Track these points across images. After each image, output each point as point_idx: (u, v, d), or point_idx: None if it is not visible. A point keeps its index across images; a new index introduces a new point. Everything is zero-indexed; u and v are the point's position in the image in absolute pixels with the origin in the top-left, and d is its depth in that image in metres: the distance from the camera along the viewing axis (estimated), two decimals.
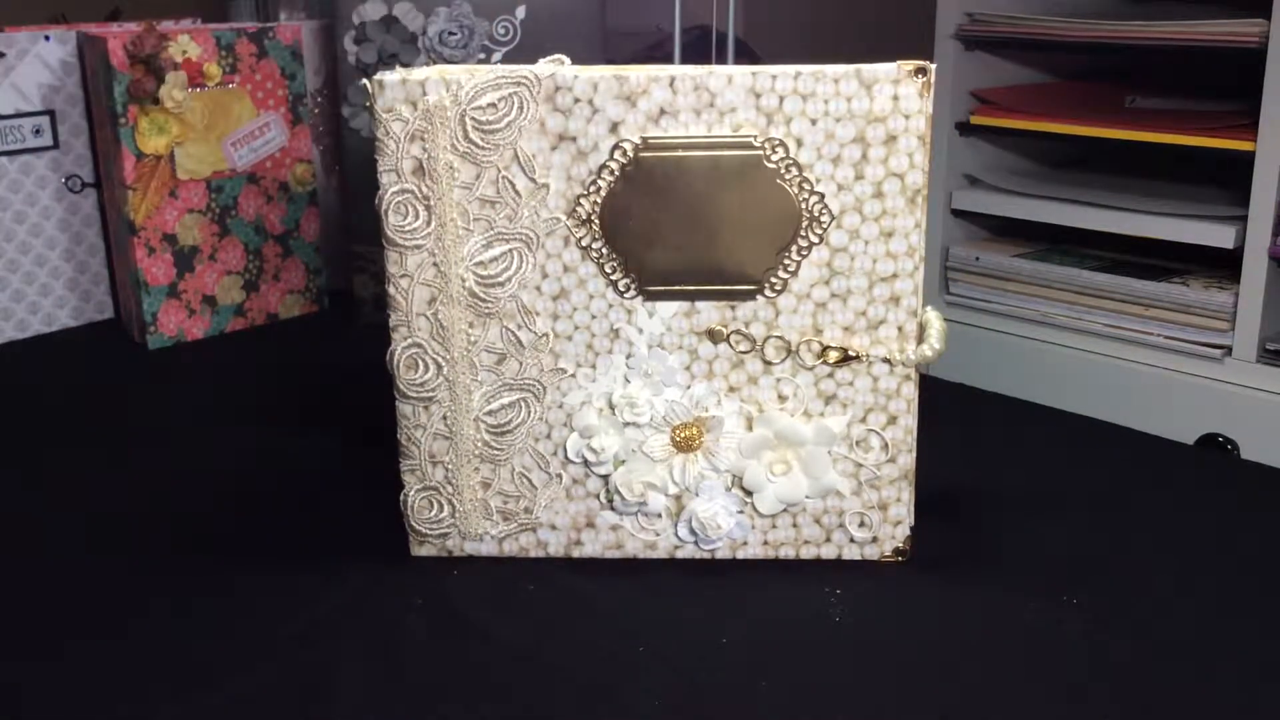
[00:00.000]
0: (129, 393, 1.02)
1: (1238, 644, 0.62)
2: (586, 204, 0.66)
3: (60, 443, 0.90)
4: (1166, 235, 1.40)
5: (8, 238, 1.12)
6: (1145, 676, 0.60)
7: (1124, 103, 1.55)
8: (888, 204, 0.66)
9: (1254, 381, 1.32)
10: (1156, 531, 0.75)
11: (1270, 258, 1.29)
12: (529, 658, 0.62)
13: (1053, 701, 0.58)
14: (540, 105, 0.65)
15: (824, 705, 0.58)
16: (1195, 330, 1.36)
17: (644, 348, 0.68)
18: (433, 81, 0.65)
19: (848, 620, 0.65)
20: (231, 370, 1.07)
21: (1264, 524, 0.76)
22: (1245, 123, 1.32)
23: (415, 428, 0.69)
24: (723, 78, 0.65)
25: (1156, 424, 0.97)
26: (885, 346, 0.67)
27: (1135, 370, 1.40)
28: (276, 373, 1.05)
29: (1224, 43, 1.31)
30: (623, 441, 0.69)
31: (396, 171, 0.66)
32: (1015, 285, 1.53)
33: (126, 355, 1.11)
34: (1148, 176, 1.53)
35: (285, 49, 1.16)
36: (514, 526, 0.71)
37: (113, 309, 1.21)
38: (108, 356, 1.11)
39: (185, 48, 1.08)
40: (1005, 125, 1.54)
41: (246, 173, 1.15)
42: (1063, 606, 0.66)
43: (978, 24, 1.53)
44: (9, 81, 1.10)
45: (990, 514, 0.76)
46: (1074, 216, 1.48)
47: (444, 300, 0.67)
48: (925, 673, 0.60)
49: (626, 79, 0.65)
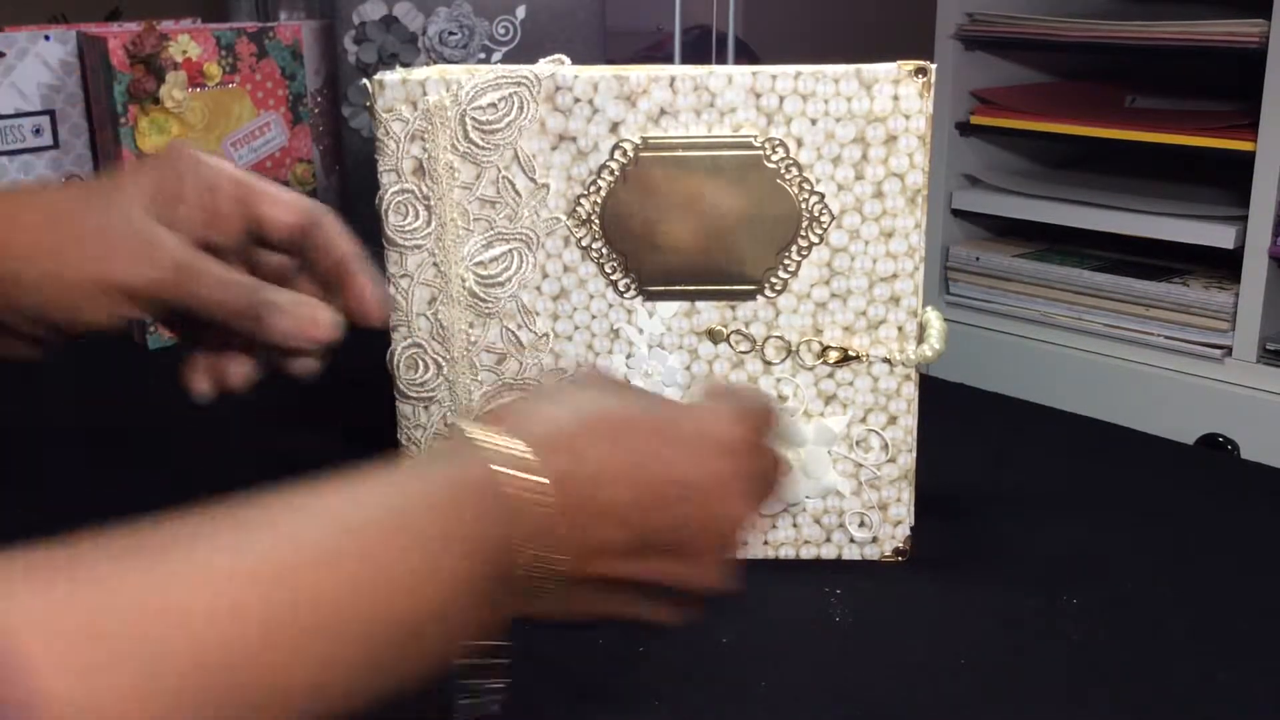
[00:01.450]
0: (128, 393, 1.02)
1: (1238, 644, 0.62)
2: (586, 204, 0.66)
3: (59, 443, 0.90)
4: (1166, 235, 1.40)
5: None
6: (1145, 676, 0.60)
7: (1124, 103, 1.55)
8: (888, 204, 0.66)
9: (1254, 381, 1.32)
10: (1156, 532, 0.75)
11: (1270, 258, 1.29)
12: (528, 657, 0.62)
13: (1052, 701, 0.58)
14: (540, 105, 0.65)
15: (824, 705, 0.58)
16: (1195, 330, 1.37)
17: (644, 348, 0.68)
18: (433, 81, 0.65)
19: (848, 620, 0.65)
20: None
21: (1264, 524, 0.76)
22: (1245, 123, 1.32)
23: (415, 428, 0.69)
24: (723, 78, 0.65)
25: (1156, 424, 0.97)
26: (885, 346, 0.67)
27: (1135, 370, 1.41)
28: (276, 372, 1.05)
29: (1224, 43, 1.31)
30: None
31: (396, 171, 0.66)
32: (1015, 285, 1.53)
33: (126, 355, 1.11)
34: (1148, 176, 1.53)
35: (285, 49, 1.16)
36: None
37: None
38: (107, 356, 1.11)
39: (185, 48, 1.08)
40: (1005, 125, 1.54)
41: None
42: (1062, 606, 0.66)
43: (978, 24, 1.53)
44: (9, 81, 1.10)
45: (990, 514, 0.76)
46: (1074, 216, 1.48)
47: (444, 300, 0.67)
48: (925, 673, 0.60)
49: (627, 79, 0.65)
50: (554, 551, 0.40)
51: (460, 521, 0.38)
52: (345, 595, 0.35)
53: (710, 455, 0.44)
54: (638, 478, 0.42)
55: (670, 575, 0.44)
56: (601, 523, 0.41)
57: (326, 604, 0.35)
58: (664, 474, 0.42)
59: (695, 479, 0.43)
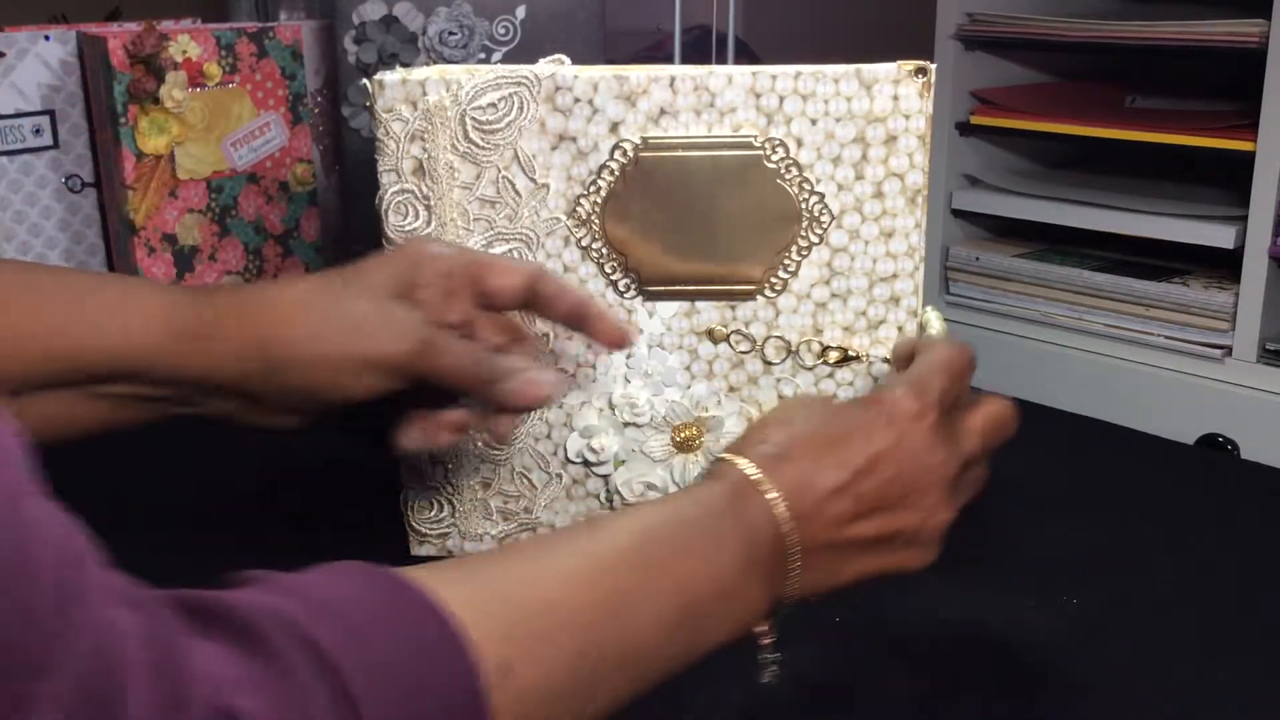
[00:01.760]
0: None
1: (1238, 644, 0.62)
2: (586, 204, 0.66)
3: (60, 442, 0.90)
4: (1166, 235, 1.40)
5: (8, 238, 1.12)
6: (1145, 676, 0.60)
7: (1124, 103, 1.55)
8: (888, 204, 0.66)
9: (1254, 381, 1.32)
10: (1156, 531, 0.75)
11: (1270, 258, 1.29)
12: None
13: (1052, 701, 0.58)
14: (540, 105, 0.65)
15: (824, 705, 0.58)
16: (1195, 330, 1.36)
17: (644, 348, 0.68)
18: (433, 81, 0.65)
19: (848, 620, 0.65)
20: None
21: (1264, 524, 0.76)
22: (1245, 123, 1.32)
23: None
24: (723, 78, 0.65)
25: (1156, 424, 0.97)
26: (885, 346, 0.67)
27: (1135, 370, 1.40)
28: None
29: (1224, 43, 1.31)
30: (623, 442, 0.69)
31: (396, 171, 0.66)
32: (1015, 285, 1.53)
33: None
34: (1148, 176, 1.53)
35: (285, 49, 1.16)
36: (514, 526, 0.71)
37: None
38: None
39: (185, 48, 1.08)
40: (1005, 125, 1.54)
41: (246, 173, 1.15)
42: (1062, 606, 0.66)
43: (978, 24, 1.53)
44: (9, 81, 1.10)
45: (990, 513, 0.76)
46: (1074, 216, 1.48)
47: None
48: (925, 672, 0.60)
49: (627, 79, 0.65)
50: (792, 533, 0.51)
51: (724, 519, 0.50)
52: (663, 582, 0.47)
53: (900, 423, 0.53)
54: (845, 460, 0.52)
55: (897, 526, 0.53)
56: (826, 503, 0.51)
57: (652, 585, 0.47)
58: (865, 449, 0.52)
59: (888, 444, 0.53)
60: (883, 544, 0.53)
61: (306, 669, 0.35)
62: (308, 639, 0.36)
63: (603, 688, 0.44)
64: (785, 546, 0.50)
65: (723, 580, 0.48)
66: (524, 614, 0.43)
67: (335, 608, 0.38)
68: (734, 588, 0.49)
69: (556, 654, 0.43)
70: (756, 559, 0.50)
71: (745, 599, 0.50)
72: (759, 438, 0.53)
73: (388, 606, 0.40)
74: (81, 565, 0.32)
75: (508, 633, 0.41)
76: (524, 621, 0.42)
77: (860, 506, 0.52)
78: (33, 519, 0.31)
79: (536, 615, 0.43)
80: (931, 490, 0.54)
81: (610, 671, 0.45)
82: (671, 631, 0.47)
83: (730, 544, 0.49)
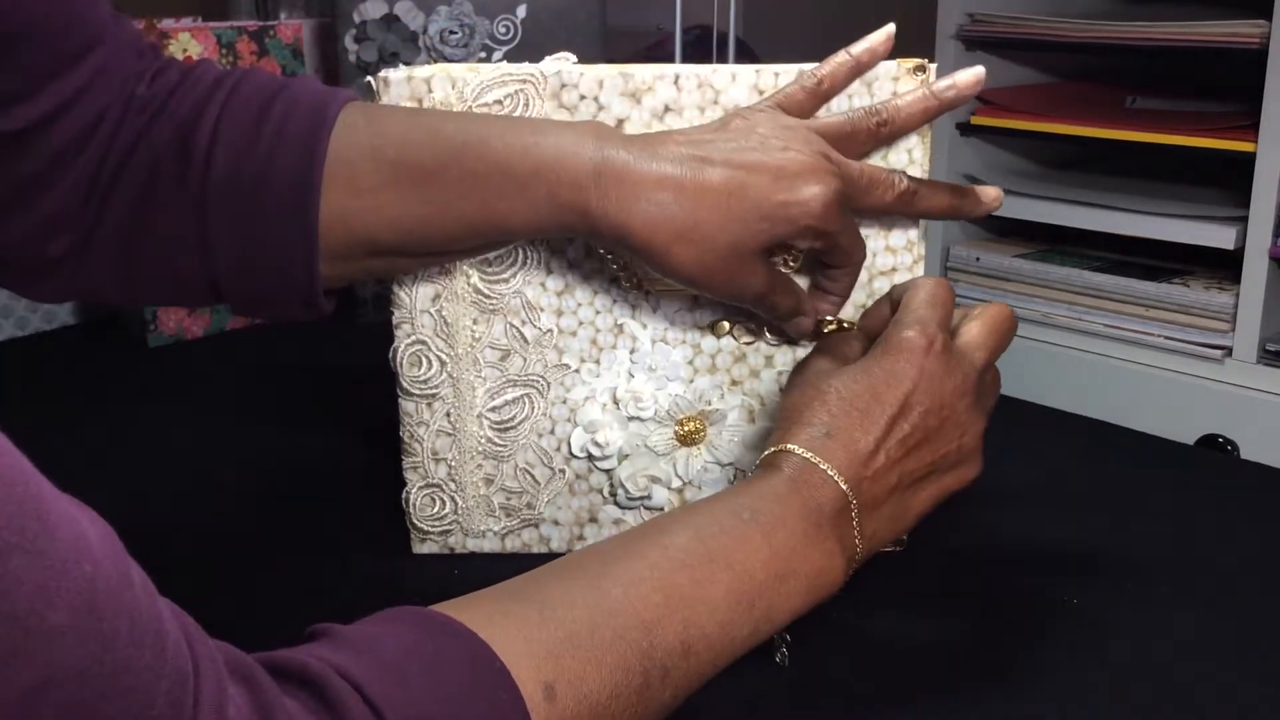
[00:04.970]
0: (129, 391, 1.02)
1: (1238, 644, 0.62)
2: None
3: (60, 441, 0.90)
4: (1166, 235, 1.40)
5: None
6: (1145, 676, 0.60)
7: (1124, 103, 1.55)
8: None
9: (1254, 382, 1.32)
10: (1156, 531, 0.75)
11: (1271, 258, 1.29)
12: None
13: (1052, 701, 0.58)
14: (546, 102, 0.65)
15: (823, 704, 0.58)
16: (1195, 331, 1.37)
17: (648, 343, 0.68)
18: (438, 79, 0.65)
19: (847, 620, 0.65)
20: (231, 369, 1.07)
21: (1264, 524, 0.76)
22: (1245, 123, 1.32)
23: (418, 425, 0.69)
24: (727, 75, 0.65)
25: (1156, 424, 0.97)
26: None
27: (1135, 370, 1.41)
28: (276, 372, 1.05)
29: (1224, 43, 1.32)
30: (627, 436, 0.69)
31: None
32: (1015, 285, 1.53)
33: (127, 353, 1.11)
34: (1148, 176, 1.53)
35: (286, 47, 1.16)
36: (516, 522, 0.71)
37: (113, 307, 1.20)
38: (108, 355, 1.11)
39: (186, 46, 1.08)
40: (1005, 125, 1.54)
41: None
42: (1063, 606, 0.66)
43: (978, 24, 1.53)
44: None
45: (990, 514, 0.76)
46: (1074, 216, 1.48)
47: (448, 297, 0.67)
48: (925, 672, 0.60)
49: (632, 76, 0.65)
50: (855, 497, 0.55)
51: (786, 503, 0.54)
52: (724, 572, 0.51)
53: (916, 359, 0.57)
54: (882, 412, 0.56)
55: (942, 452, 0.58)
56: (876, 458, 0.56)
57: (717, 574, 0.51)
58: (896, 395, 0.57)
59: (912, 384, 0.57)
60: (935, 473, 0.58)
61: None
62: (369, 700, 0.40)
63: (667, 680, 0.48)
64: (850, 512, 0.55)
65: (787, 558, 0.52)
66: (578, 630, 0.46)
67: (392, 663, 0.42)
68: (798, 563, 0.53)
69: (599, 671, 0.46)
70: (822, 531, 0.54)
71: (813, 571, 0.53)
72: (804, 420, 0.57)
73: (442, 657, 0.43)
74: (198, 670, 0.36)
75: (554, 653, 0.45)
76: (571, 639, 0.46)
77: (905, 447, 0.57)
78: (154, 612, 0.35)
79: (592, 629, 0.47)
80: (960, 409, 0.58)
81: (677, 661, 0.48)
82: (733, 615, 0.50)
83: (792, 522, 0.53)
